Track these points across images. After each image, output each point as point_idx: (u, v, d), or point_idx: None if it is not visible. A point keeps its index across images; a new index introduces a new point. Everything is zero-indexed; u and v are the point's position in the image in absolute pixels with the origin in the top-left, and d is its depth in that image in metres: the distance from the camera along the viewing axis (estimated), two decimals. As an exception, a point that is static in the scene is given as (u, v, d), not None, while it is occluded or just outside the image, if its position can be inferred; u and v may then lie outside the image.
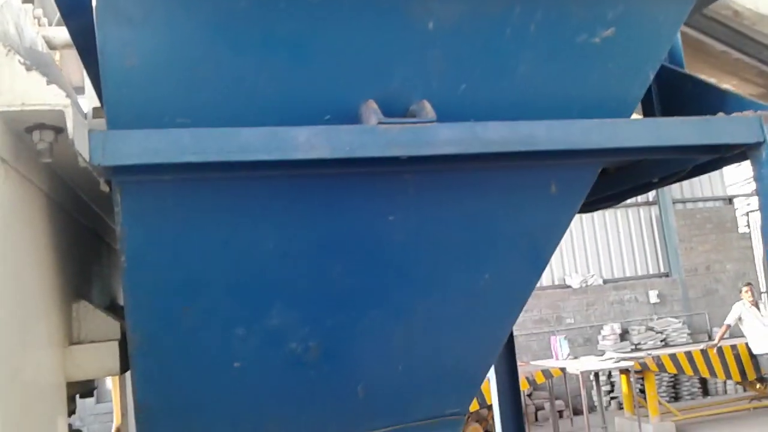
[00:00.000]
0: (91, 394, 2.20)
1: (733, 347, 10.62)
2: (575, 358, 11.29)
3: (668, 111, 2.25)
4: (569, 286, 13.75)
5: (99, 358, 1.73)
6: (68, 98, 1.28)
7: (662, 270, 14.33)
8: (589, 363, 10.46)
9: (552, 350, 11.46)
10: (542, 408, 12.18)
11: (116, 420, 3.13)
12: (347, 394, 1.87)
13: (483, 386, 9.60)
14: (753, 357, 10.43)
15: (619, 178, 2.37)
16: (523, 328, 12.81)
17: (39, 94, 1.26)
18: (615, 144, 1.67)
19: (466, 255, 1.84)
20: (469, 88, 1.69)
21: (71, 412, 1.99)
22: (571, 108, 1.78)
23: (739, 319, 10.31)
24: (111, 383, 4.33)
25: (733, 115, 1.86)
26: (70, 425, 1.89)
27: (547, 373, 10.48)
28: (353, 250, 1.75)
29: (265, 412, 1.82)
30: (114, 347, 1.75)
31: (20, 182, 1.39)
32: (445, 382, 1.97)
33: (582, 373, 9.98)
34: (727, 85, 3.31)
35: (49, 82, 1.27)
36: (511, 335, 5.64)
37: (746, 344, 10.46)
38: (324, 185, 1.68)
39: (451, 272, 1.85)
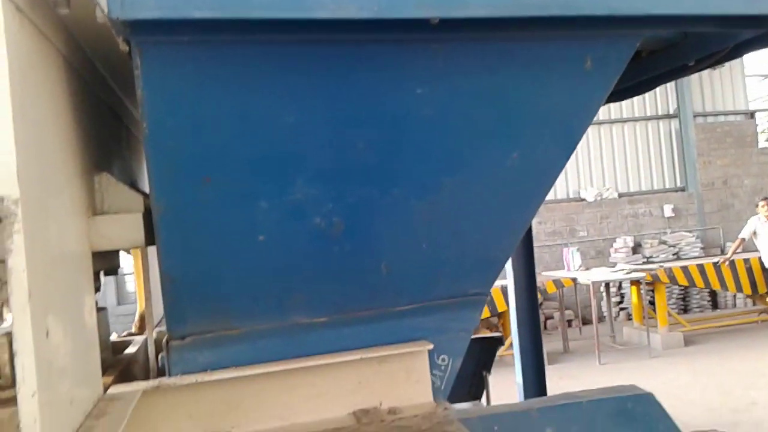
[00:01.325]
0: (115, 272, 2.21)
1: (746, 261, 10.66)
2: (587, 269, 11.40)
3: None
4: (584, 199, 13.72)
5: (123, 229, 1.73)
6: (83, -59, 1.21)
7: (678, 184, 14.22)
8: (601, 273, 10.57)
9: (564, 262, 11.57)
10: (551, 317, 12.41)
11: (140, 306, 3.18)
12: (370, 271, 1.87)
13: (493, 293, 9.77)
14: (765, 271, 10.48)
15: (652, 62, 2.28)
16: (535, 239, 12.82)
17: (53, -66, 1.19)
18: (658, 11, 1.59)
19: (494, 132, 1.79)
20: (506, -52, 1.59)
21: (96, 288, 2.01)
22: (612, -25, 1.68)
23: (754, 233, 10.29)
24: (135, 282, 4.39)
25: (783, -15, 1.75)
26: (96, 302, 1.91)
27: (558, 283, 10.62)
28: (378, 125, 1.70)
29: (289, 286, 1.83)
30: (138, 219, 1.74)
31: (36, 37, 1.34)
32: (468, 262, 1.96)
33: (593, 283, 10.10)
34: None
35: None
36: (531, 242, 5.68)
37: (759, 258, 10.49)
38: (349, 54, 1.61)
39: (479, 150, 1.80)
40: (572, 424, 1.85)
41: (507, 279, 5.59)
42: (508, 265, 5.55)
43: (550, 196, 14.41)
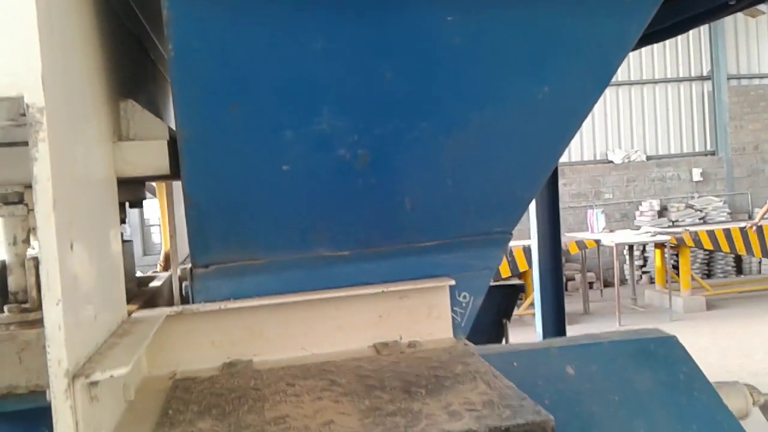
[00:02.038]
0: (140, 204, 2.22)
1: (774, 226, 10.50)
2: (611, 232, 11.30)
3: None
4: (611, 162, 13.53)
5: (148, 156, 1.72)
6: None
7: (709, 148, 13.95)
8: (625, 235, 10.48)
9: (588, 224, 11.47)
10: (572, 279, 12.38)
11: (164, 246, 3.21)
12: (394, 206, 1.85)
13: (515, 253, 9.75)
14: (793, 237, 10.32)
15: (691, 1, 2.19)
16: (559, 201, 12.76)
17: None
18: (702, -65, 1.51)
19: (526, 65, 1.74)
20: None
21: (122, 220, 2.02)
22: None
23: (785, 198, 10.11)
24: (160, 221, 4.43)
25: None
26: (122, 234, 1.92)
27: (581, 244, 10.56)
28: (406, 53, 1.66)
29: (313, 218, 1.82)
30: (163, 146, 1.73)
31: (61, -52, 1.32)
32: (493, 199, 1.93)
33: (617, 245, 10.02)
34: None
35: None
36: (557, 204, 5.61)
37: (788, 224, 10.33)
38: (378, -22, 1.57)
39: (509, 83, 1.76)
40: (592, 363, 1.84)
41: (531, 239, 5.55)
42: (533, 223, 5.51)
43: (575, 157, 14.23)
